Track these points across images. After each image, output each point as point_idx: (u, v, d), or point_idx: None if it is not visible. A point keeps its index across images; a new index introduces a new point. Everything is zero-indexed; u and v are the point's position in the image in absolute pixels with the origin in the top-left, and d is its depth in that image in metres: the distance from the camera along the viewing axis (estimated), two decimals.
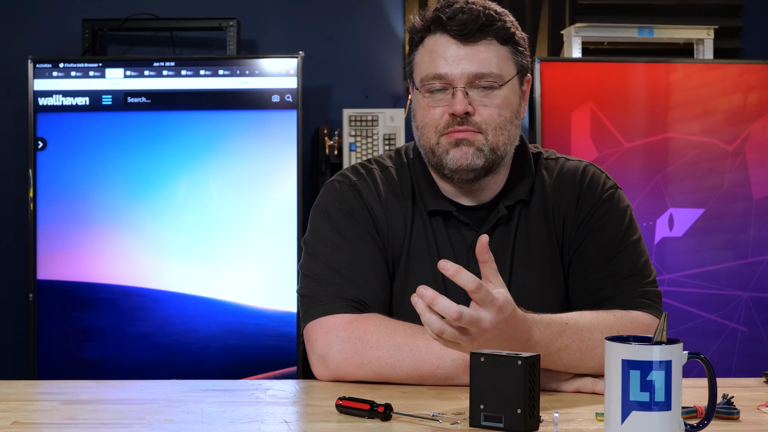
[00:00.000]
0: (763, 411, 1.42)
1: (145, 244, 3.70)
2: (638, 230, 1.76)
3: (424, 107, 1.70)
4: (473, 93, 1.67)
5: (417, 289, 1.38)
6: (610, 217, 1.74)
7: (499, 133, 1.69)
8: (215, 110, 3.72)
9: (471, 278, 1.36)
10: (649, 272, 1.72)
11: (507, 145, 1.71)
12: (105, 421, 1.35)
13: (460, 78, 1.66)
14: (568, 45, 3.93)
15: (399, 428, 1.30)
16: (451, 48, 1.67)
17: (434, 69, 1.68)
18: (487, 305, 1.38)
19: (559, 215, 1.75)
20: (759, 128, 3.77)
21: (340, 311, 1.65)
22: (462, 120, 1.67)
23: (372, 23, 4.20)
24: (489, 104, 1.67)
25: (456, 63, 1.67)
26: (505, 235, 1.74)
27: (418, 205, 1.76)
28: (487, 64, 1.67)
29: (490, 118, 1.68)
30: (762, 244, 3.76)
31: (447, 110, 1.68)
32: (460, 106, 1.66)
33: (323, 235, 1.74)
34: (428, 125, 1.70)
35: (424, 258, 1.73)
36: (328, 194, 1.79)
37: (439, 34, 1.69)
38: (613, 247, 1.72)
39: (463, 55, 1.67)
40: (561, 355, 1.52)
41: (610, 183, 1.78)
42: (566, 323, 1.53)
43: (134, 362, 3.67)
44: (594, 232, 1.73)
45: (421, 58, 1.72)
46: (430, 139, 1.70)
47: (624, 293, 1.68)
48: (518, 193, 1.75)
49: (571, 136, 3.69)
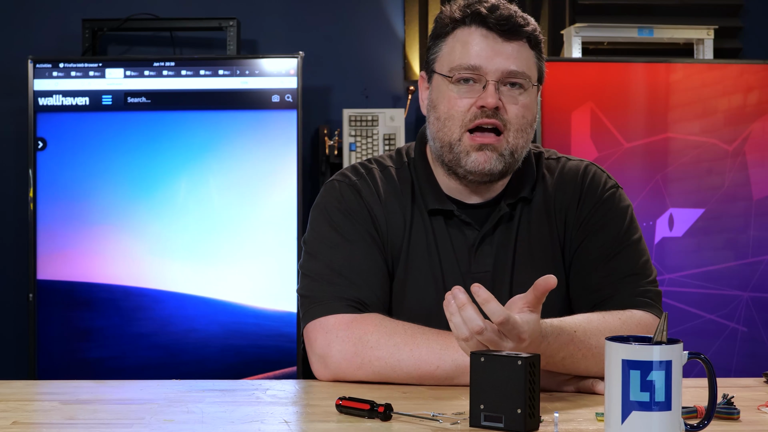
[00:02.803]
0: (763, 411, 1.42)
1: (145, 244, 3.69)
2: (639, 230, 1.76)
3: (451, 98, 1.69)
4: (503, 89, 1.67)
5: (471, 287, 1.37)
6: (611, 217, 1.74)
7: (520, 135, 1.69)
8: (215, 110, 3.72)
9: (499, 310, 1.35)
10: (650, 272, 1.72)
11: (524, 148, 1.71)
12: (105, 421, 1.35)
13: (495, 72, 1.66)
14: (568, 45, 3.93)
15: (399, 428, 1.30)
16: (488, 41, 1.67)
17: (467, 60, 1.67)
18: (512, 337, 1.38)
19: (560, 214, 1.75)
20: (759, 128, 3.77)
21: (340, 311, 1.65)
22: (491, 113, 1.66)
23: (372, 23, 4.20)
24: (517, 103, 1.68)
25: (492, 57, 1.66)
26: (507, 233, 1.74)
27: (418, 205, 1.76)
28: (521, 63, 1.68)
29: (515, 118, 1.67)
30: (762, 244, 3.76)
31: (476, 102, 1.67)
32: (492, 98, 1.65)
33: (323, 235, 1.74)
34: (454, 117, 1.68)
35: (423, 258, 1.73)
36: (327, 194, 1.78)
37: (474, 27, 1.68)
38: (613, 246, 1.72)
39: (500, 50, 1.67)
40: (565, 363, 1.52)
41: (611, 182, 1.78)
42: (575, 331, 1.52)
43: (134, 362, 3.66)
44: (595, 231, 1.73)
45: (451, 49, 1.70)
46: (453, 133, 1.68)
47: (624, 292, 1.68)
48: (520, 192, 1.75)
49: (571, 136, 3.69)
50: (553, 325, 1.49)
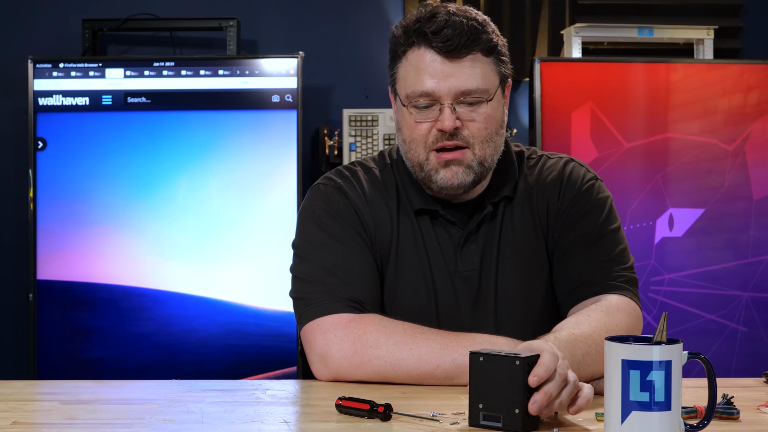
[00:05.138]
0: (763, 411, 1.42)
1: (145, 244, 3.69)
2: (618, 220, 1.78)
3: (411, 123, 1.70)
4: (460, 108, 1.67)
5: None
6: (591, 207, 1.76)
7: (486, 145, 1.69)
8: (215, 110, 3.72)
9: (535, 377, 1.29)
10: (627, 259, 1.75)
11: (494, 155, 1.72)
12: (105, 421, 1.35)
13: (447, 94, 1.66)
14: (568, 45, 3.93)
15: (399, 428, 1.30)
16: (436, 64, 1.66)
17: (420, 86, 1.67)
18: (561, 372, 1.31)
19: (542, 208, 1.77)
20: (759, 128, 3.77)
21: (338, 311, 1.65)
22: (451, 135, 1.67)
23: (372, 23, 4.20)
24: (476, 119, 1.68)
25: (443, 80, 1.66)
26: (492, 231, 1.76)
27: (403, 205, 1.77)
28: (474, 79, 1.66)
29: (477, 132, 1.68)
30: (762, 244, 3.76)
31: (435, 126, 1.68)
32: (448, 122, 1.66)
33: (313, 237, 1.74)
34: (416, 140, 1.70)
35: (413, 257, 1.74)
36: (314, 197, 1.79)
37: (423, 49, 1.67)
38: (592, 234, 1.74)
39: (450, 72, 1.66)
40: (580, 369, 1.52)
41: (590, 175, 1.81)
42: (575, 339, 1.52)
43: (134, 362, 3.67)
44: (575, 221, 1.75)
45: (406, 72, 1.70)
46: (419, 155, 1.70)
47: (599, 277, 1.70)
48: (503, 191, 1.77)
49: (571, 136, 3.69)
50: (557, 338, 1.50)
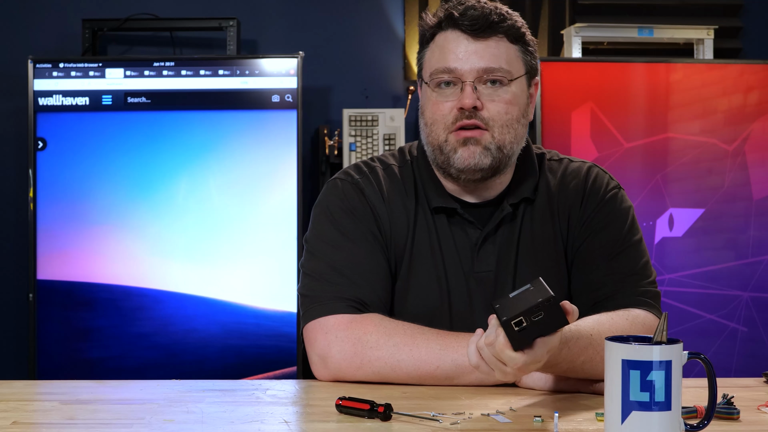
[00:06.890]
0: (763, 411, 1.42)
1: (145, 245, 3.69)
2: (640, 231, 1.77)
3: (434, 102, 1.71)
4: (482, 88, 1.68)
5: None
6: (614, 217, 1.75)
7: (505, 130, 1.69)
8: (215, 110, 3.72)
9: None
10: (650, 273, 1.73)
11: (513, 143, 1.71)
12: (105, 421, 1.35)
13: (470, 72, 1.67)
14: (568, 45, 3.93)
15: (399, 428, 1.30)
16: (461, 43, 1.69)
17: (444, 63, 1.69)
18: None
19: (563, 214, 1.76)
20: (759, 128, 3.77)
21: (340, 311, 1.65)
22: (470, 114, 1.67)
23: (372, 23, 4.20)
24: (497, 99, 1.68)
25: (466, 57, 1.68)
26: (510, 233, 1.74)
27: (421, 203, 1.76)
28: (497, 59, 1.68)
29: (497, 115, 1.68)
30: (762, 244, 3.76)
31: (456, 105, 1.68)
32: (468, 99, 1.66)
33: (325, 234, 1.74)
34: (437, 121, 1.70)
35: (427, 256, 1.73)
36: (330, 192, 1.78)
37: (450, 31, 1.70)
38: (615, 246, 1.72)
39: (473, 50, 1.68)
40: (585, 367, 1.51)
41: (613, 183, 1.79)
42: (591, 335, 1.52)
43: (134, 362, 3.66)
44: (597, 231, 1.73)
45: (432, 54, 1.73)
46: (439, 136, 1.70)
47: (626, 291, 1.68)
48: (523, 192, 1.76)
49: (571, 136, 3.69)
50: (572, 330, 1.48)
